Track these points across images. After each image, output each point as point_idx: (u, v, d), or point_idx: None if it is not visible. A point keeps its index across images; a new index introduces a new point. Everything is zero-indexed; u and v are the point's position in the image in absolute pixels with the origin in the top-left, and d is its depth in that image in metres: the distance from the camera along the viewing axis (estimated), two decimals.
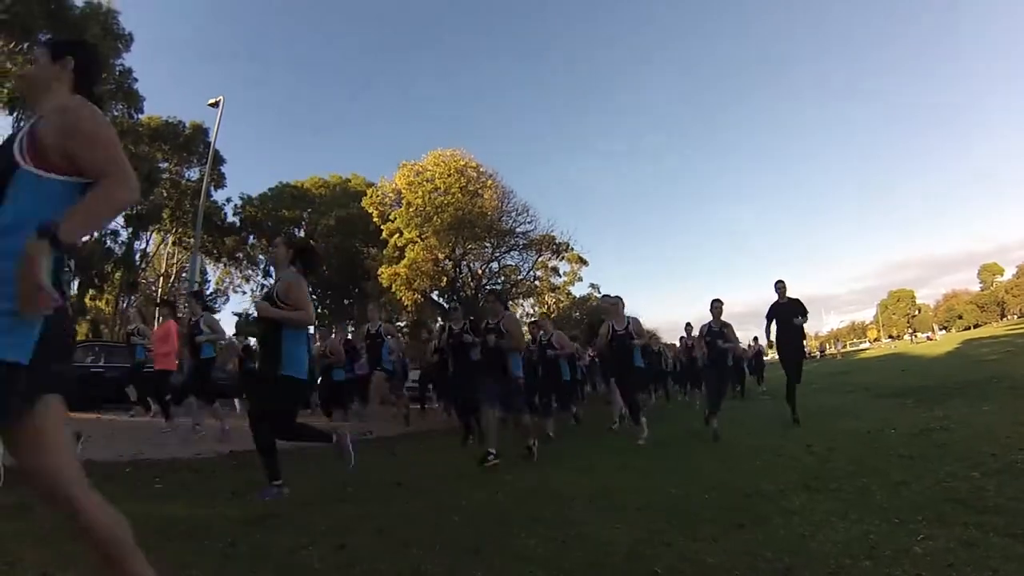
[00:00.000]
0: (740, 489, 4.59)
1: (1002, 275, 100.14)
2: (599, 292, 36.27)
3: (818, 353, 61.08)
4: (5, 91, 23.94)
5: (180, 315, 10.81)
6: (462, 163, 27.95)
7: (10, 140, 1.88)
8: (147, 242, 33.54)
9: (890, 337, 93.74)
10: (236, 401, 12.87)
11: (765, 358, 20.39)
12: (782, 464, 5.63)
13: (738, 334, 9.19)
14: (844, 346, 78.97)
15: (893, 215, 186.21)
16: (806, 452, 6.13)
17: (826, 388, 15.70)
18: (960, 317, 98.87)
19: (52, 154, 1.82)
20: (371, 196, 29.76)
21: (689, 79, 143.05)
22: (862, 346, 79.65)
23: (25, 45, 23.83)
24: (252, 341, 10.47)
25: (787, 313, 9.04)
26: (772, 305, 9.29)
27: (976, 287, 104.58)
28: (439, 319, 26.13)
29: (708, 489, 4.63)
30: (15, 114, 24.90)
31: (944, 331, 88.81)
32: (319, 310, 36.58)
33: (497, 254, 29.68)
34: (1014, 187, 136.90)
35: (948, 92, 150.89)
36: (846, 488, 4.42)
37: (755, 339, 20.05)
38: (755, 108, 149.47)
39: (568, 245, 30.18)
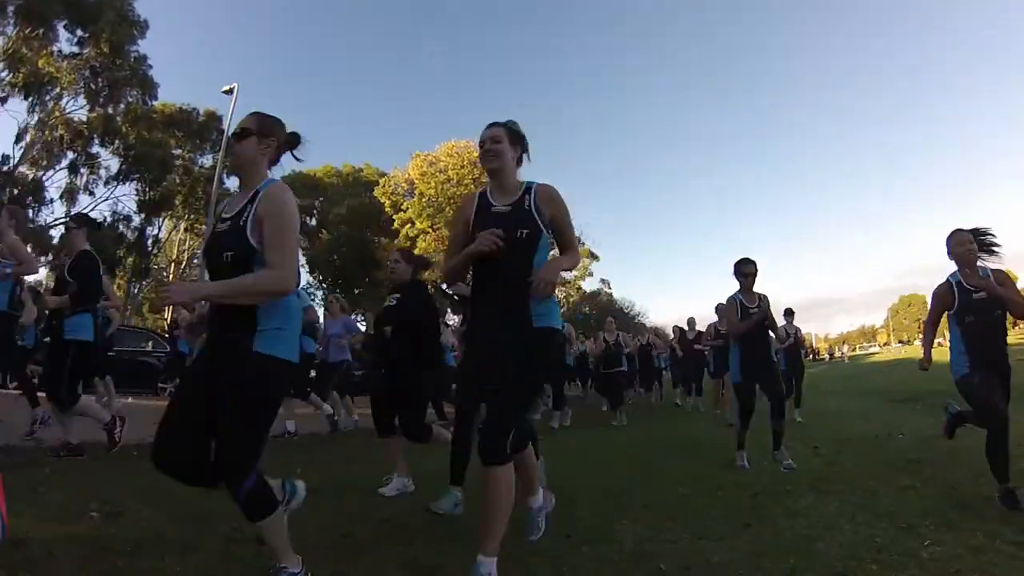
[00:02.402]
0: (747, 489, 4.58)
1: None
2: (609, 287, 36.42)
3: (827, 356, 60.84)
4: (21, 76, 24.12)
5: None
6: (475, 155, 27.88)
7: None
8: (159, 228, 33.75)
9: (900, 342, 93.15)
10: None
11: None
12: None
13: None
14: (853, 349, 78.33)
15: (905, 217, 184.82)
16: (813, 454, 6.12)
17: (834, 391, 15.67)
18: None
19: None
20: (384, 186, 29.90)
21: (701, 76, 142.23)
22: (871, 350, 79.14)
23: (41, 31, 23.99)
24: None
25: None
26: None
27: None
28: (449, 310, 26.22)
29: (715, 488, 4.63)
30: (30, 99, 25.09)
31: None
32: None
33: None
34: None
35: (956, 94, 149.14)
36: (853, 491, 4.40)
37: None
38: (766, 105, 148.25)
39: (579, 240, 30.15)
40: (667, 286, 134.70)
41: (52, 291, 5.60)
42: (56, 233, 27.00)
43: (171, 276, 34.95)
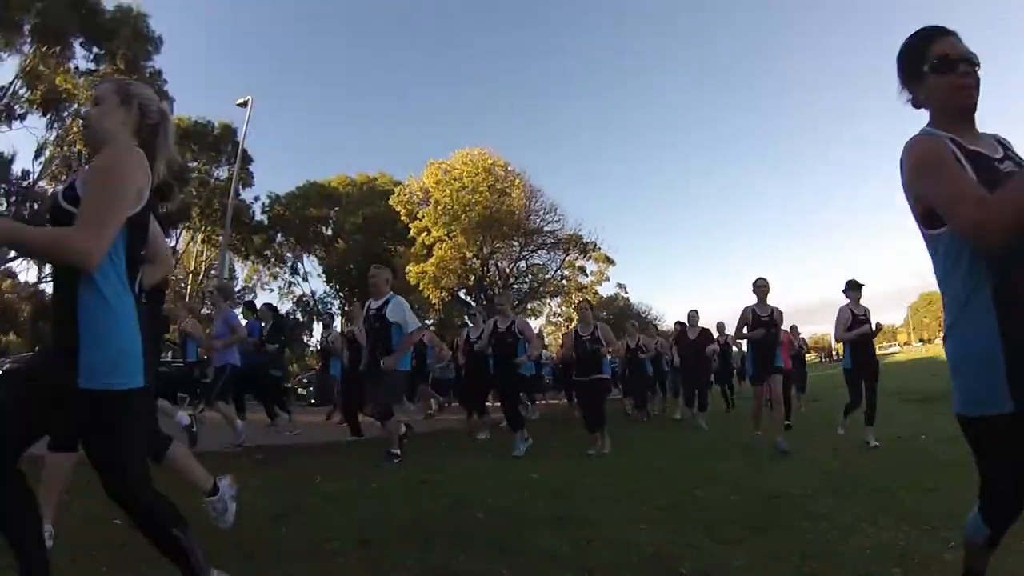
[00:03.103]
0: (766, 492, 4.55)
1: None
2: (626, 292, 36.39)
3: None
4: (39, 93, 24.51)
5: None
6: (489, 162, 28.10)
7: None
8: (177, 240, 34.12)
9: (920, 341, 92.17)
10: None
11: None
12: (809, 468, 5.57)
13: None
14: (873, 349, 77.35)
15: None
16: (833, 456, 6.07)
17: None
18: None
19: None
20: (399, 194, 30.02)
21: (717, 72, 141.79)
22: (891, 349, 78.28)
23: (57, 49, 24.37)
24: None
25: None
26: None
27: None
28: (467, 319, 26.28)
29: (733, 491, 4.60)
30: (49, 115, 25.48)
31: None
32: (346, 308, 37.01)
33: (525, 253, 29.85)
34: None
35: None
36: (875, 493, 4.36)
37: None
38: (779, 104, 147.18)
39: (595, 245, 30.19)
40: (667, 286, 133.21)
41: None
42: None
43: (189, 287, 35.31)
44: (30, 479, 1.95)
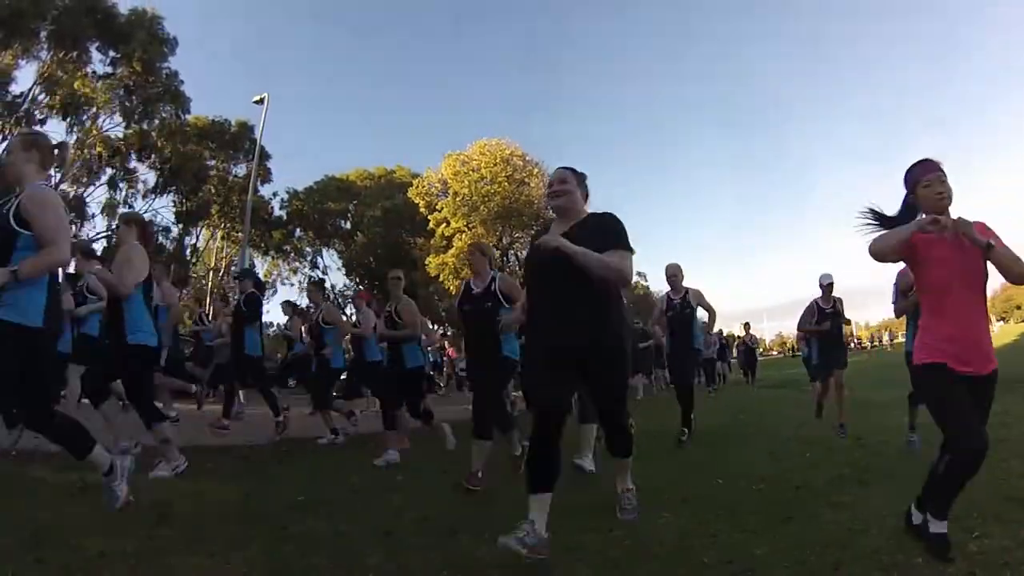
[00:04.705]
0: (789, 482, 4.52)
1: None
2: (645, 280, 36.29)
3: (868, 344, 59.61)
4: (58, 98, 24.85)
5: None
6: (507, 152, 28.10)
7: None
8: (197, 237, 34.56)
9: None
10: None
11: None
12: (832, 457, 5.52)
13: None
14: (895, 337, 76.13)
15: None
16: (857, 446, 6.02)
17: (877, 381, 15.35)
18: (1019, 307, 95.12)
19: None
20: (417, 186, 30.16)
21: (740, 63, 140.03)
22: None
23: (74, 54, 24.68)
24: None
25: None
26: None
27: None
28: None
29: (756, 481, 4.57)
30: (68, 119, 25.83)
31: (1002, 322, 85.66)
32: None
33: None
34: None
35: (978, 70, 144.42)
36: (898, 484, 4.32)
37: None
38: (799, 90, 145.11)
39: None
40: (687, 274, 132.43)
41: None
42: (99, 247, 27.81)
43: (209, 283, 35.66)
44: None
